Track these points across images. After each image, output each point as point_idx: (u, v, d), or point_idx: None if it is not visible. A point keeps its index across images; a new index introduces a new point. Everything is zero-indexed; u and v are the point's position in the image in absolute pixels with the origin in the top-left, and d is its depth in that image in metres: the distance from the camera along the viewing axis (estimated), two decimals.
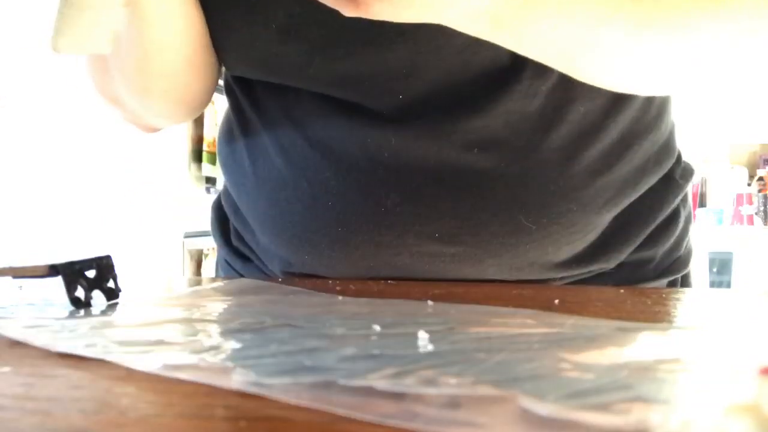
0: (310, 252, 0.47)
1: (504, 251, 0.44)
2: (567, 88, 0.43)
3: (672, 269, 0.52)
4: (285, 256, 0.49)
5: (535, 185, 0.44)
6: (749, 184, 3.65)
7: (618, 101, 0.45)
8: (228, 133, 0.54)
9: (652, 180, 0.49)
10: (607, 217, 0.46)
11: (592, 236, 0.46)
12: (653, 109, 0.49)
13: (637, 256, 0.50)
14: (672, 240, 0.51)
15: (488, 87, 0.43)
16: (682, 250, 0.53)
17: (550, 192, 0.44)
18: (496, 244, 0.44)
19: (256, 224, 0.50)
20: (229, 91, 0.54)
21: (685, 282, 0.53)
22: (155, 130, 0.55)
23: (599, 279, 0.49)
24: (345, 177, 0.44)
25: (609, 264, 0.48)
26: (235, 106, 0.53)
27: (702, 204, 3.46)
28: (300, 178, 0.46)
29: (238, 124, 0.52)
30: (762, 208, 3.54)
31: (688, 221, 0.54)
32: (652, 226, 0.49)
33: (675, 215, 0.52)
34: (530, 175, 0.44)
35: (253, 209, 0.50)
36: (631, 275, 0.49)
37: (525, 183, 0.43)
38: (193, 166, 3.01)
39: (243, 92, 0.51)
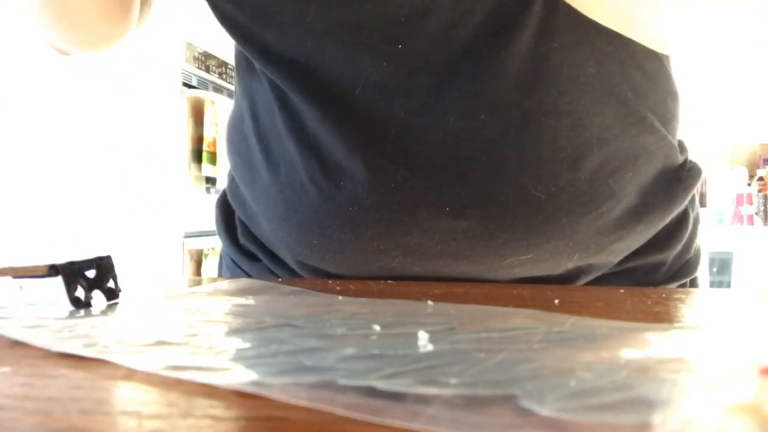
0: (319, 236, 0.46)
1: (518, 224, 0.43)
2: (578, 47, 0.42)
3: (682, 273, 0.51)
4: (292, 244, 0.48)
5: (546, 152, 0.43)
6: (749, 184, 3.66)
7: (629, 65, 0.45)
8: (239, 120, 0.54)
9: (655, 159, 0.48)
10: (614, 189, 0.45)
11: (606, 208, 0.45)
12: (662, 93, 0.48)
13: (650, 260, 0.49)
14: (682, 243, 0.51)
15: (492, 41, 0.42)
16: (692, 253, 0.53)
17: (559, 159, 0.43)
18: (509, 215, 0.43)
19: (267, 211, 0.49)
20: (239, 74, 0.54)
21: (693, 286, 0.53)
22: (64, 53, 0.56)
23: (611, 283, 0.48)
24: (352, 155, 0.44)
25: (630, 242, 0.47)
26: (244, 91, 0.53)
27: (702, 204, 3.47)
28: (311, 158, 0.45)
29: (249, 109, 0.52)
30: (762, 208, 3.54)
31: (696, 223, 0.53)
32: (667, 217, 0.48)
33: (684, 217, 0.51)
34: (542, 140, 0.42)
35: (265, 196, 0.49)
36: (643, 280, 0.49)
37: (535, 149, 0.42)
38: (193, 166, 3.02)
39: (252, 74, 0.51)
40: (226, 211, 0.58)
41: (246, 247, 0.56)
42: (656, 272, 0.50)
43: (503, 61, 0.41)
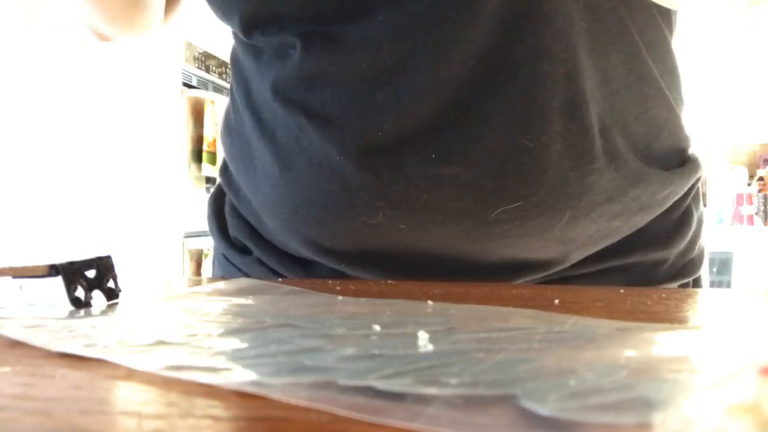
0: (309, 189, 0.46)
1: (505, 172, 0.43)
2: None
3: (685, 271, 0.51)
4: (280, 207, 0.49)
5: (538, 99, 0.42)
6: (749, 184, 3.66)
7: (629, 25, 0.45)
8: (233, 104, 0.55)
9: (652, 128, 0.47)
10: (605, 147, 0.44)
11: (597, 167, 0.44)
12: (660, 68, 0.48)
13: (651, 257, 0.49)
14: (685, 241, 0.51)
15: None
16: (695, 252, 0.53)
17: (551, 108, 0.42)
18: (495, 163, 0.43)
19: (262, 178, 0.50)
20: (235, 60, 0.55)
21: (696, 286, 0.53)
22: (106, 39, 0.59)
23: (611, 279, 0.48)
24: (345, 106, 0.44)
25: (624, 207, 0.46)
26: (239, 72, 0.54)
27: (702, 204, 3.47)
28: (299, 114, 0.46)
29: (242, 88, 0.52)
30: (762, 208, 3.54)
31: (700, 223, 0.53)
32: (661, 195, 0.48)
33: (687, 215, 0.51)
34: (535, 86, 0.42)
35: (261, 164, 0.50)
36: (644, 277, 0.49)
37: (526, 96, 0.42)
38: (193, 166, 3.02)
39: (246, 53, 0.52)
40: (218, 206, 0.60)
41: (237, 239, 0.57)
42: (658, 269, 0.50)
43: (494, 3, 0.41)
